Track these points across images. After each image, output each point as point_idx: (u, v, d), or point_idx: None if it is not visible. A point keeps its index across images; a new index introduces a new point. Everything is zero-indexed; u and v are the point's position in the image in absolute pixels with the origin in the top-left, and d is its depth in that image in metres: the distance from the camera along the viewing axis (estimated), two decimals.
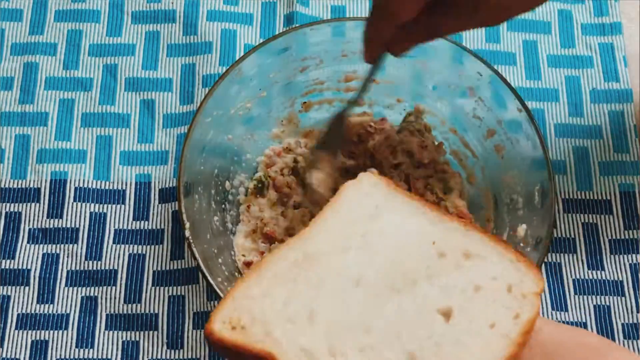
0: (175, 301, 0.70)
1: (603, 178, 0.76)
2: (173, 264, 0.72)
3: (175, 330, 0.69)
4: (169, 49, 0.81)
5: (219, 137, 0.68)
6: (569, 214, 0.74)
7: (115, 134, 0.77)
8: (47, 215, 0.73)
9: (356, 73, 0.72)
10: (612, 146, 0.77)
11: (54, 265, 0.71)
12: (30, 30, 0.81)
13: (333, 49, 0.70)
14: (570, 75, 0.81)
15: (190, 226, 0.61)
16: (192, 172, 0.64)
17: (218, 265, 0.62)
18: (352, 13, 0.83)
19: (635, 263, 0.72)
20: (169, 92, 0.79)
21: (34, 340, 0.69)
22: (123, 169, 0.75)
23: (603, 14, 0.83)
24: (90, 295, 0.70)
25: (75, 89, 0.79)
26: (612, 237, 0.73)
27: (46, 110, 0.78)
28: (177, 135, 0.77)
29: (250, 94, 0.70)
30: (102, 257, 0.72)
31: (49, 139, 0.76)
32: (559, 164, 0.76)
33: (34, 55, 0.80)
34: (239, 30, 0.82)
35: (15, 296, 0.70)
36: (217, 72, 0.79)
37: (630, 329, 0.70)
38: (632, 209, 0.74)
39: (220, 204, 0.69)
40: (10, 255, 0.72)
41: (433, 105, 0.73)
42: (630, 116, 0.78)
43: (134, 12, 0.82)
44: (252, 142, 0.73)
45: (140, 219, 0.74)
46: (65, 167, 0.75)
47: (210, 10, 0.82)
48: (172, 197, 0.74)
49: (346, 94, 0.74)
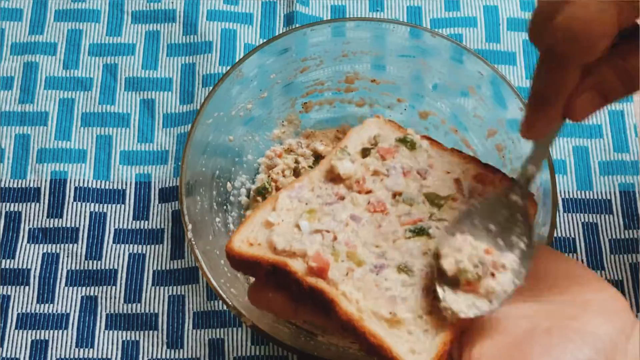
0: (175, 301, 0.70)
1: (603, 178, 0.76)
2: (173, 263, 0.72)
3: (175, 330, 0.69)
4: (169, 48, 0.81)
5: (220, 138, 0.68)
6: (569, 213, 0.74)
7: (115, 134, 0.77)
8: (47, 215, 0.73)
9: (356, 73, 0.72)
10: (612, 146, 0.77)
11: (54, 265, 0.71)
12: (30, 29, 0.81)
13: (333, 49, 0.70)
14: None
15: (192, 227, 0.61)
16: (193, 173, 0.64)
17: (220, 267, 0.62)
18: (352, 13, 0.83)
19: (635, 263, 0.72)
20: (169, 91, 0.79)
21: (34, 340, 0.69)
22: (123, 168, 0.75)
23: None
24: (90, 295, 0.70)
25: (75, 88, 0.79)
26: (612, 236, 0.73)
27: (46, 109, 0.78)
28: (177, 135, 0.77)
29: (250, 94, 0.70)
30: (102, 257, 0.72)
31: (49, 138, 0.76)
32: (559, 163, 0.76)
33: (34, 54, 0.80)
34: (239, 30, 0.82)
35: (15, 296, 0.70)
36: (217, 72, 0.79)
37: None
38: (632, 208, 0.74)
39: (222, 205, 0.69)
40: (10, 255, 0.71)
41: (433, 104, 0.73)
42: (630, 116, 0.78)
43: (134, 11, 0.82)
44: (253, 142, 0.73)
45: (140, 219, 0.73)
46: (65, 167, 0.75)
47: (210, 10, 0.82)
48: (172, 196, 0.74)
49: (346, 94, 0.74)
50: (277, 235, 0.53)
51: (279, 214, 0.55)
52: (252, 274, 0.56)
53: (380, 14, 0.83)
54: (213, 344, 0.69)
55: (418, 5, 0.84)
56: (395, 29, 0.69)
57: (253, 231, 0.54)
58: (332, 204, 0.56)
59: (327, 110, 0.75)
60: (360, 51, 0.71)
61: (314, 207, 0.56)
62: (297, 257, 0.52)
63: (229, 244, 0.53)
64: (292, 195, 0.57)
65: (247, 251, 0.53)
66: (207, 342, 0.69)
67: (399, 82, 0.73)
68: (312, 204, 0.56)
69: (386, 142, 0.60)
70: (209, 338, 0.69)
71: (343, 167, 0.58)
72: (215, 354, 0.68)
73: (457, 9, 0.84)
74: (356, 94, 0.74)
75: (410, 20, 0.83)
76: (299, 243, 0.53)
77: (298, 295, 0.52)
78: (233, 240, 0.54)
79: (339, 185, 0.58)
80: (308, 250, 0.52)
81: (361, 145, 0.61)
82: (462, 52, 0.67)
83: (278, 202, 0.56)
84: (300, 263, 0.52)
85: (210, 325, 0.69)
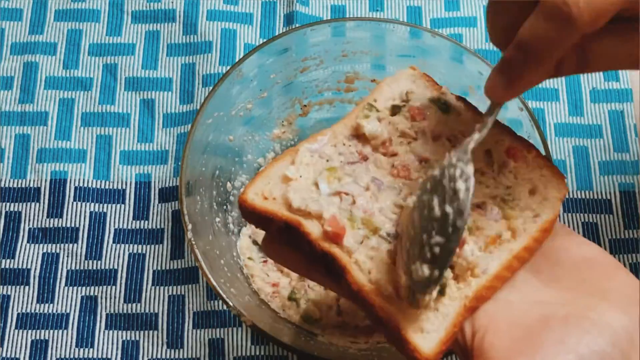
0: (175, 301, 0.70)
1: (603, 177, 0.76)
2: (173, 263, 0.72)
3: (175, 329, 0.69)
4: (169, 48, 0.81)
5: (220, 138, 0.68)
6: (569, 213, 0.74)
7: (115, 134, 0.77)
8: (47, 214, 0.73)
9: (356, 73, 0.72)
10: (612, 146, 0.77)
11: (54, 264, 0.71)
12: (30, 29, 0.81)
13: (333, 49, 0.70)
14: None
15: (192, 227, 0.61)
16: (193, 173, 0.64)
17: (220, 267, 0.62)
18: (352, 13, 0.83)
19: (635, 263, 0.72)
20: (169, 91, 0.79)
21: (34, 340, 0.69)
22: (123, 168, 0.75)
23: None
24: (90, 295, 0.70)
25: (75, 88, 0.79)
26: (612, 236, 0.73)
27: (46, 109, 0.78)
28: (177, 134, 0.77)
29: (250, 94, 0.70)
30: (102, 257, 0.72)
31: (48, 138, 0.76)
32: (559, 163, 0.76)
33: (34, 54, 0.80)
34: (239, 30, 0.82)
35: (15, 296, 0.70)
36: (217, 72, 0.79)
37: None
38: (632, 208, 0.74)
39: (222, 205, 0.69)
40: (10, 255, 0.72)
41: None
42: (630, 116, 0.78)
43: (133, 11, 0.82)
44: (253, 142, 0.73)
45: (140, 219, 0.74)
46: (65, 167, 0.75)
47: (210, 9, 0.82)
48: (172, 196, 0.74)
49: (346, 94, 0.74)
50: (294, 192, 0.51)
51: (297, 169, 0.52)
52: (263, 227, 0.53)
53: (380, 14, 0.83)
54: (213, 343, 0.69)
55: (418, 5, 0.84)
56: (395, 29, 0.69)
57: (269, 184, 0.52)
58: (354, 163, 0.53)
59: (327, 110, 0.75)
60: (360, 51, 0.71)
61: (334, 165, 0.53)
62: (312, 218, 0.50)
63: (243, 195, 0.51)
64: (313, 149, 0.54)
65: (260, 205, 0.51)
66: (207, 342, 0.69)
67: None
68: (334, 162, 0.53)
69: (418, 101, 0.56)
70: (209, 338, 0.69)
71: (369, 127, 0.54)
72: (215, 353, 0.68)
73: (457, 9, 0.84)
74: (356, 94, 0.74)
75: (410, 20, 0.83)
76: (316, 204, 0.50)
77: (310, 255, 0.50)
78: (247, 191, 0.51)
79: (363, 144, 0.54)
80: (324, 212, 0.50)
81: (392, 100, 0.57)
82: (462, 52, 0.67)
83: (298, 155, 0.53)
84: (315, 225, 0.50)
85: (210, 325, 0.69)
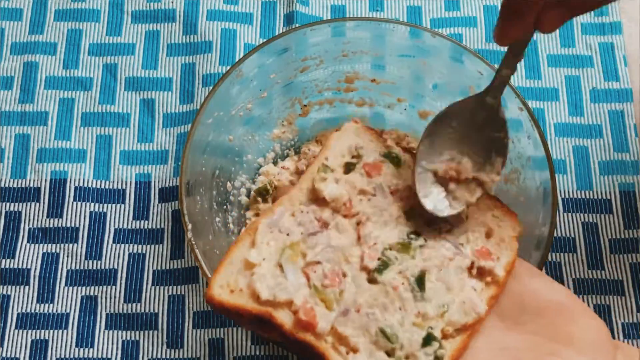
0: (175, 300, 0.70)
1: (603, 177, 0.76)
2: (173, 263, 0.72)
3: (175, 329, 0.69)
4: (169, 48, 0.81)
5: (220, 138, 0.68)
6: (569, 213, 0.74)
7: (115, 134, 0.77)
8: (47, 214, 0.73)
9: (356, 73, 0.72)
10: (612, 146, 0.77)
11: (54, 264, 0.71)
12: (30, 29, 0.81)
13: (333, 49, 0.70)
14: (570, 74, 0.81)
15: (192, 227, 0.61)
16: (193, 173, 0.64)
17: None
18: (352, 13, 0.83)
19: (635, 262, 0.72)
20: (169, 91, 0.79)
21: (34, 340, 0.69)
22: (123, 168, 0.75)
23: (603, 13, 0.83)
24: (90, 295, 0.70)
25: (75, 88, 0.79)
26: (612, 236, 0.73)
27: (46, 109, 0.78)
28: (177, 134, 0.77)
29: (250, 94, 0.70)
30: (102, 257, 0.72)
31: (48, 138, 0.76)
32: (559, 163, 0.76)
33: (34, 54, 0.80)
34: (239, 30, 0.82)
35: (15, 296, 0.70)
36: (217, 72, 0.79)
37: (630, 329, 0.70)
38: (632, 208, 0.74)
39: (222, 205, 0.69)
40: (10, 255, 0.72)
41: (433, 104, 0.72)
42: (630, 116, 0.78)
43: (133, 11, 0.82)
44: (253, 142, 0.73)
45: (140, 219, 0.74)
46: (65, 167, 0.75)
47: (210, 9, 0.82)
48: (172, 196, 0.74)
49: (346, 94, 0.74)
50: (260, 281, 0.51)
51: (259, 251, 0.52)
52: (235, 320, 0.54)
53: (380, 14, 0.83)
54: (213, 343, 0.69)
55: (418, 5, 0.84)
56: (395, 29, 0.69)
57: (233, 273, 0.51)
58: (316, 234, 0.54)
59: (327, 110, 0.75)
60: (360, 51, 0.71)
61: (296, 239, 0.54)
62: (283, 307, 0.50)
63: (209, 291, 0.51)
64: (272, 223, 0.54)
65: (228, 300, 0.50)
66: (207, 341, 0.69)
67: (399, 82, 0.73)
68: (294, 235, 0.54)
69: (369, 156, 0.58)
70: (209, 338, 0.69)
71: (328, 191, 0.55)
72: (215, 353, 0.68)
73: (457, 9, 0.84)
74: (356, 94, 0.74)
75: (410, 20, 0.83)
76: (284, 292, 0.50)
77: (286, 340, 0.50)
78: (212, 285, 0.51)
79: (322, 209, 0.55)
80: (295, 299, 0.50)
81: (342, 157, 0.58)
82: (462, 52, 0.67)
83: (257, 235, 0.53)
84: (287, 313, 0.50)
85: (210, 325, 0.69)
